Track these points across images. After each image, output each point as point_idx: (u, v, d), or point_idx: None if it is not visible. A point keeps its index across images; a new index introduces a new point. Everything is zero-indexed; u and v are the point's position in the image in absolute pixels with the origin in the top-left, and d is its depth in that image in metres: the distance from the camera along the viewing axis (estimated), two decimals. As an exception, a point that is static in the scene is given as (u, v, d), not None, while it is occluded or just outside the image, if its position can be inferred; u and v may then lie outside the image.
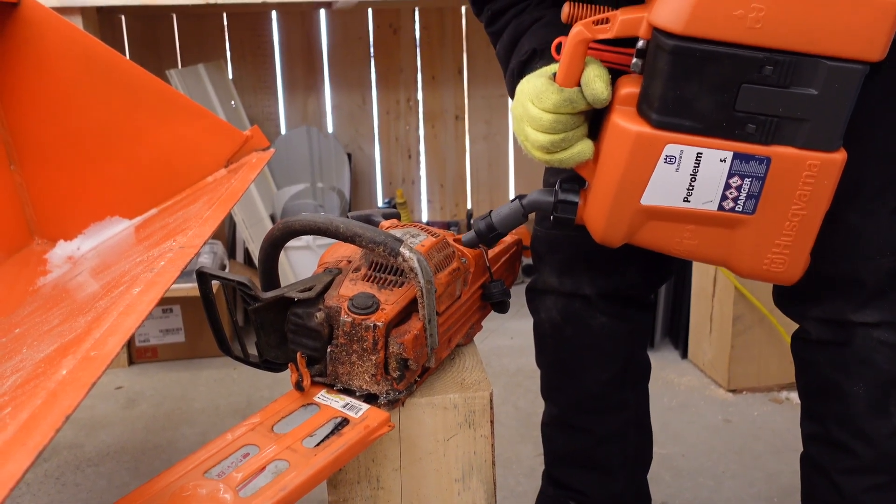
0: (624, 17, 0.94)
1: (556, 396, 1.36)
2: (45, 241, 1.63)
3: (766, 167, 0.95)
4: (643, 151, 0.95)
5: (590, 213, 1.04)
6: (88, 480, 1.88)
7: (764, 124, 0.93)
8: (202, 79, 2.93)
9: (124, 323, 0.79)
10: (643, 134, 0.94)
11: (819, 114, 0.92)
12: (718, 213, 0.98)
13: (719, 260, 1.04)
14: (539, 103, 0.97)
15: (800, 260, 1.02)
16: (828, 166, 0.95)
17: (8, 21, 1.50)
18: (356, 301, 0.95)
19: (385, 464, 1.00)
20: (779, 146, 0.94)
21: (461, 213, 3.64)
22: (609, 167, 0.98)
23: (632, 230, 1.02)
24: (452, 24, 3.48)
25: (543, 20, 1.12)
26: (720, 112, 0.92)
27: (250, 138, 1.56)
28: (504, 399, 2.22)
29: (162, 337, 2.57)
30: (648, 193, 0.97)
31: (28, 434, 0.60)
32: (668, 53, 0.90)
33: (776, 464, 1.87)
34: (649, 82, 0.94)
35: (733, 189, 0.97)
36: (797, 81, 0.90)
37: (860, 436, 1.14)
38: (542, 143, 0.98)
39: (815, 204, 0.97)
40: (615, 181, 0.98)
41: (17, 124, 1.58)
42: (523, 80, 1.02)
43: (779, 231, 1.00)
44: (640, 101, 0.96)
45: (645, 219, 1.00)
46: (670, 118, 0.93)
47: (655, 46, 0.92)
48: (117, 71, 1.52)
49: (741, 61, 0.89)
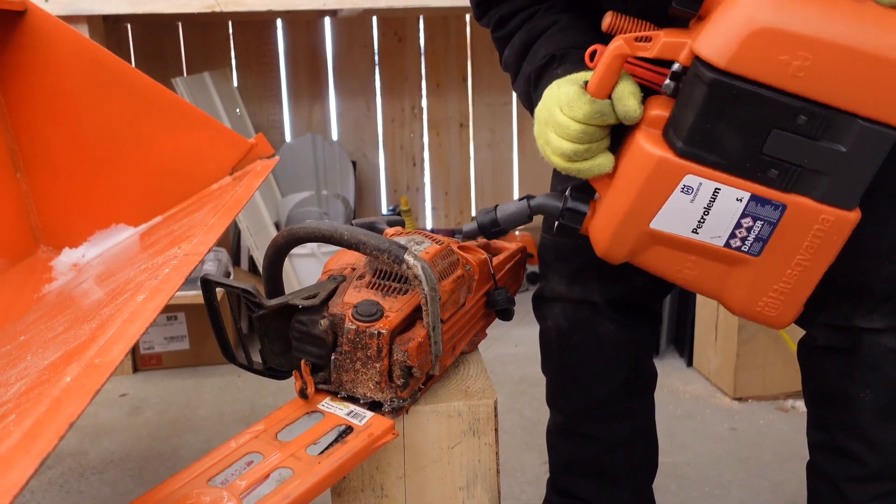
0: (667, 40, 0.93)
1: (562, 404, 1.36)
2: (50, 248, 1.63)
3: (781, 214, 0.95)
4: (662, 177, 0.94)
5: (596, 226, 1.03)
6: (92, 488, 1.88)
7: (787, 172, 0.92)
8: (207, 87, 2.94)
9: (129, 330, 0.79)
10: (666, 160, 0.94)
11: (843, 171, 0.91)
12: (724, 250, 0.98)
13: (714, 294, 1.04)
14: (569, 111, 0.96)
15: (793, 308, 1.02)
16: (841, 223, 0.94)
17: (14, 29, 1.51)
18: (360, 308, 0.95)
19: (389, 472, 1.00)
20: (797, 195, 0.94)
21: (465, 220, 3.64)
22: (624, 185, 0.98)
23: (635, 251, 1.01)
24: (457, 33, 3.48)
25: (558, 25, 1.10)
26: (746, 152, 0.92)
27: (255, 146, 1.56)
28: (509, 407, 2.21)
29: (166, 344, 2.57)
30: (659, 218, 0.97)
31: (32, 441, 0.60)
32: (705, 85, 0.89)
33: (782, 472, 1.86)
34: (681, 110, 0.93)
35: (744, 229, 0.96)
36: (828, 135, 0.90)
37: (867, 443, 1.14)
38: (565, 150, 0.97)
39: (820, 257, 0.97)
40: (628, 200, 0.97)
41: (23, 132, 1.58)
42: (553, 84, 1.00)
43: (779, 277, 0.99)
44: (667, 126, 0.95)
45: (650, 242, 1.00)
46: (696, 149, 0.92)
47: (694, 75, 0.91)
48: (123, 79, 1.53)
49: (777, 107, 0.89)
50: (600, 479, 1.33)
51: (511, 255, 1.23)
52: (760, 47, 0.86)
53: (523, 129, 3.60)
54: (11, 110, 1.57)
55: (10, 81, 1.55)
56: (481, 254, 1.13)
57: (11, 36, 1.51)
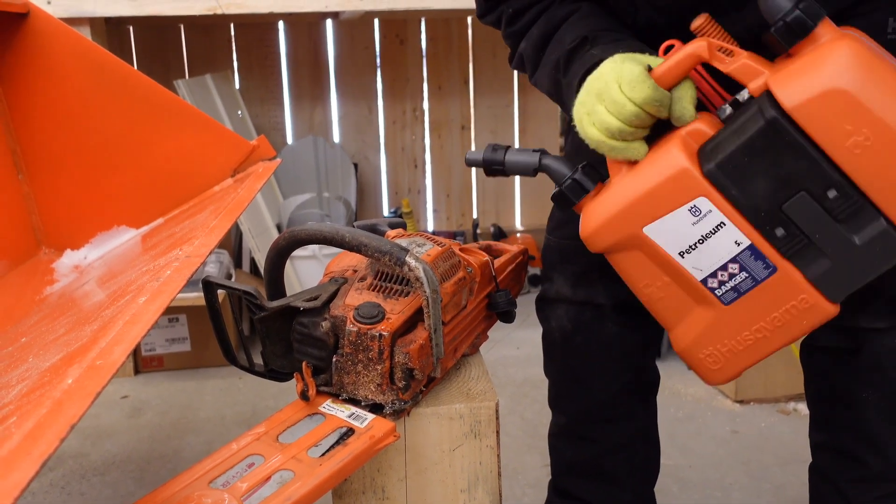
0: (748, 62, 0.91)
1: (564, 406, 1.35)
2: (52, 250, 1.63)
3: (768, 275, 0.93)
4: (679, 188, 0.93)
5: (592, 207, 1.01)
6: (94, 490, 1.88)
7: (794, 238, 0.91)
8: (209, 89, 2.94)
9: (130, 332, 0.79)
10: (690, 173, 0.92)
11: (847, 262, 0.90)
12: (699, 285, 0.96)
13: (668, 323, 1.02)
14: (629, 90, 0.93)
15: (732, 371, 1.00)
16: (817, 311, 0.94)
17: (17, 31, 1.51)
18: (362, 310, 0.95)
19: (390, 474, 0.99)
20: (792, 265, 0.92)
21: (467, 222, 3.64)
22: (639, 179, 0.96)
23: (617, 247, 0.99)
24: (459, 35, 3.49)
25: (580, 12, 1.09)
26: (767, 201, 0.90)
27: (257, 148, 1.56)
28: (510, 409, 2.21)
29: (168, 346, 2.57)
30: (655, 226, 0.95)
31: (33, 443, 0.60)
32: (764, 121, 0.88)
33: (783, 475, 1.86)
34: (727, 135, 0.92)
35: (727, 274, 0.95)
36: (850, 222, 0.89)
37: (870, 444, 1.13)
38: (611, 126, 0.94)
39: (781, 334, 0.96)
40: (635, 195, 0.96)
41: (25, 134, 1.58)
42: (615, 59, 0.96)
43: (735, 335, 0.98)
44: (706, 144, 0.94)
45: (634, 245, 0.98)
46: (722, 177, 0.91)
47: (757, 108, 0.89)
48: (125, 81, 1.53)
49: (818, 171, 0.87)
50: (602, 481, 1.33)
51: (513, 258, 1.23)
52: (831, 107, 0.85)
53: (525, 132, 3.60)
54: (13, 112, 1.57)
55: (12, 83, 1.55)
56: (483, 256, 1.13)
57: (13, 38, 1.51)
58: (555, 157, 1.05)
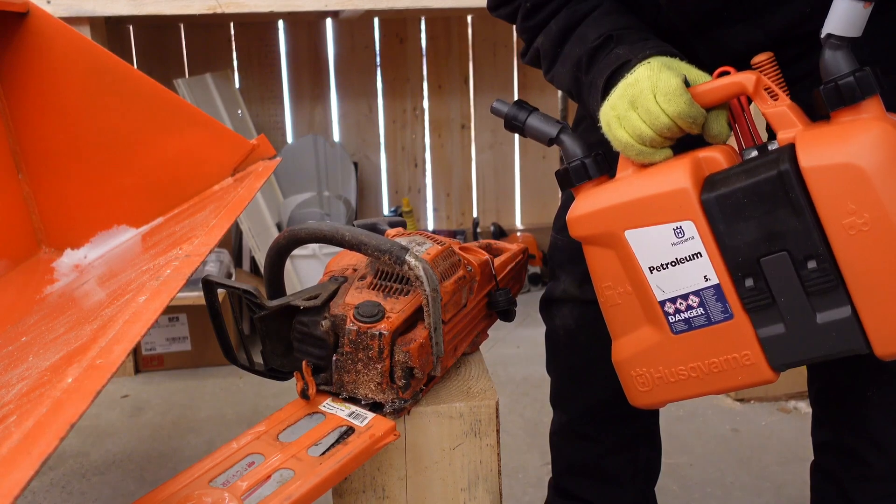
0: (787, 112, 0.91)
1: (566, 405, 1.35)
2: (52, 249, 1.63)
3: (722, 320, 0.93)
4: (673, 204, 0.93)
5: (587, 194, 1.01)
6: (94, 489, 1.88)
7: (760, 294, 0.91)
8: (209, 88, 2.94)
9: (130, 331, 0.79)
10: (688, 194, 0.92)
11: (800, 336, 0.90)
12: (656, 304, 0.96)
13: (614, 330, 1.02)
14: (664, 102, 0.92)
15: (659, 399, 1.00)
16: (755, 371, 0.93)
17: (16, 31, 1.51)
18: (362, 309, 0.95)
19: (391, 473, 0.99)
20: (748, 319, 0.92)
21: (467, 221, 3.64)
22: (640, 183, 0.96)
23: (595, 239, 0.99)
24: (459, 34, 3.49)
25: (602, 8, 1.07)
26: (748, 249, 0.90)
27: (257, 147, 1.56)
28: (510, 408, 2.21)
29: (168, 345, 2.57)
30: (637, 234, 0.95)
31: (33, 442, 0.59)
32: (776, 170, 0.87)
33: (784, 474, 1.86)
34: (738, 173, 0.91)
35: (685, 304, 0.95)
36: (818, 297, 0.88)
37: (873, 443, 1.13)
38: (643, 134, 0.94)
39: (714, 380, 0.96)
40: (630, 197, 0.96)
41: (25, 133, 1.58)
42: (651, 65, 0.95)
43: (672, 366, 0.97)
44: (715, 174, 0.93)
45: (612, 244, 0.98)
46: (717, 210, 0.91)
47: (776, 157, 0.89)
48: (125, 80, 1.53)
49: (808, 237, 0.87)
50: (603, 481, 1.33)
51: (513, 256, 1.23)
52: (843, 181, 0.84)
53: (525, 131, 3.60)
54: (13, 111, 1.57)
55: (11, 83, 1.55)
56: (483, 255, 1.13)
57: (13, 37, 1.51)
58: (573, 135, 1.03)
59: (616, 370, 1.03)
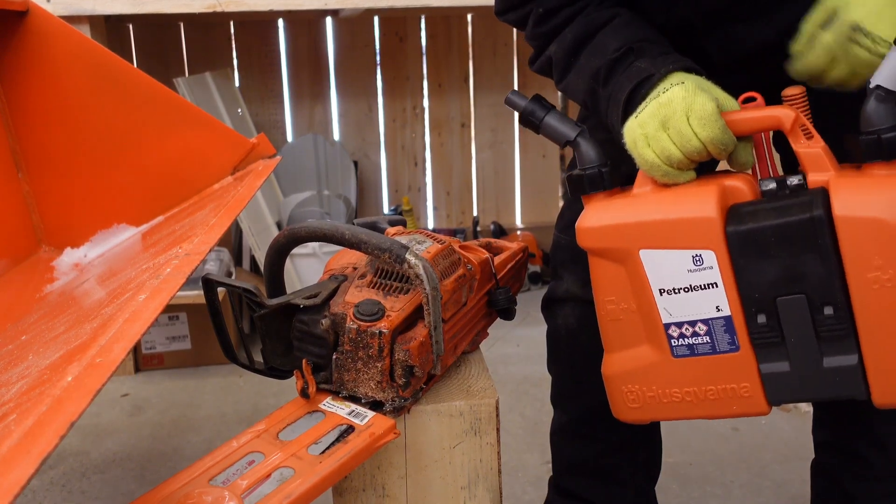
0: (821, 154, 0.89)
1: (567, 404, 1.35)
2: (52, 248, 1.63)
3: (727, 351, 0.92)
4: (697, 231, 0.91)
5: (602, 205, 0.98)
6: (94, 488, 1.88)
7: (771, 330, 0.90)
8: (209, 87, 2.94)
9: (130, 330, 0.79)
10: (714, 223, 0.90)
11: (803, 376, 0.90)
12: (660, 326, 0.95)
13: (609, 343, 1.01)
14: (697, 125, 0.90)
15: (647, 416, 1.00)
16: (750, 403, 0.93)
17: (16, 30, 1.51)
18: (362, 308, 0.95)
19: (391, 471, 0.99)
20: (752, 353, 0.92)
21: (467, 220, 3.64)
22: (662, 203, 0.94)
23: (605, 253, 0.97)
24: (459, 33, 3.48)
25: (621, 18, 1.05)
26: (767, 287, 0.89)
27: (256, 146, 1.56)
28: (510, 407, 2.21)
29: (168, 344, 2.57)
30: (652, 254, 0.93)
31: (33, 441, 0.60)
32: (808, 215, 0.86)
33: (784, 472, 1.86)
34: (768, 209, 0.90)
35: (692, 331, 0.93)
36: (828, 343, 0.88)
37: (874, 443, 1.13)
38: (672, 156, 0.92)
39: (707, 407, 0.95)
40: (651, 216, 0.93)
41: (25, 132, 1.58)
42: (688, 88, 0.92)
43: (667, 387, 0.96)
44: (742, 205, 0.92)
45: (624, 260, 0.95)
46: (742, 244, 0.89)
47: (809, 200, 0.88)
48: (125, 79, 1.53)
49: (829, 284, 0.86)
50: (603, 480, 1.33)
51: (513, 255, 1.23)
52: (875, 235, 0.84)
53: (525, 130, 3.59)
54: (13, 110, 1.57)
55: (11, 82, 1.55)
56: (483, 253, 1.13)
57: (13, 36, 1.51)
58: (591, 140, 1.00)
59: (605, 382, 1.02)
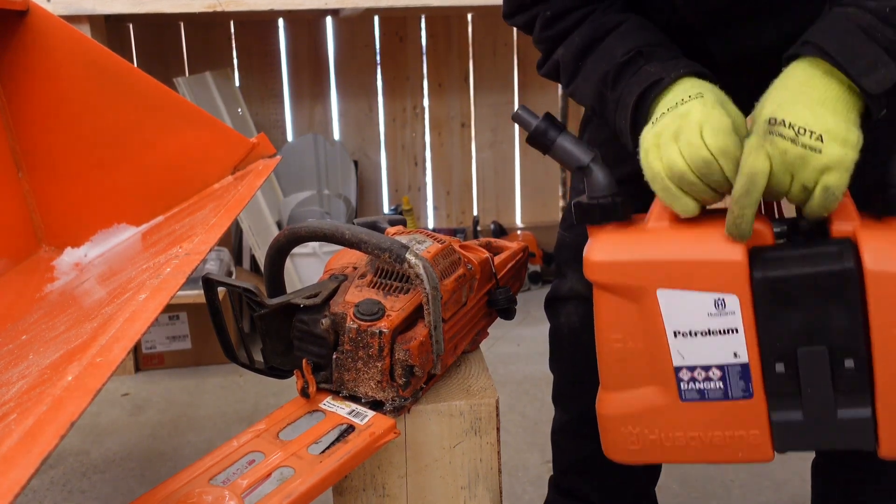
0: (848, 202, 0.86)
1: (568, 403, 1.35)
2: (52, 248, 1.63)
3: (740, 398, 0.89)
4: (722, 274, 0.87)
5: (615, 238, 0.93)
6: (94, 487, 1.88)
7: (788, 380, 0.87)
8: (209, 87, 2.94)
9: (130, 329, 0.79)
10: (741, 268, 0.86)
11: (815, 427, 0.88)
12: (670, 368, 0.90)
13: (609, 382, 0.95)
14: (709, 136, 0.86)
15: (646, 458, 0.95)
16: (757, 450, 0.91)
17: (16, 29, 1.51)
18: (362, 307, 0.95)
19: (391, 471, 0.99)
20: (765, 401, 0.89)
21: (467, 220, 3.64)
22: (684, 241, 0.89)
23: (617, 289, 0.92)
24: (459, 32, 3.48)
25: (629, 23, 1.03)
26: (789, 336, 0.86)
27: (257, 145, 1.56)
28: (510, 406, 2.21)
29: (168, 344, 2.58)
30: (670, 294, 0.88)
31: (33, 440, 0.60)
32: (841, 267, 0.84)
33: (784, 472, 1.86)
34: (795, 257, 0.86)
35: (705, 374, 0.90)
36: (845, 396, 0.86)
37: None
38: (674, 167, 0.87)
39: (710, 452, 0.92)
40: (672, 256, 0.89)
41: (24, 132, 1.58)
42: (707, 102, 0.89)
43: (670, 431, 0.92)
44: (766, 250, 0.87)
45: (637, 297, 0.90)
46: (768, 292, 0.86)
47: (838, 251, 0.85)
48: (125, 79, 1.53)
49: (854, 338, 0.84)
50: (604, 479, 1.33)
51: (513, 255, 1.23)
52: None
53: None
54: (13, 110, 1.57)
55: (11, 81, 1.55)
56: (483, 253, 1.13)
57: (13, 36, 1.51)
58: (604, 167, 0.94)
59: (600, 421, 0.97)
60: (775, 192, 0.85)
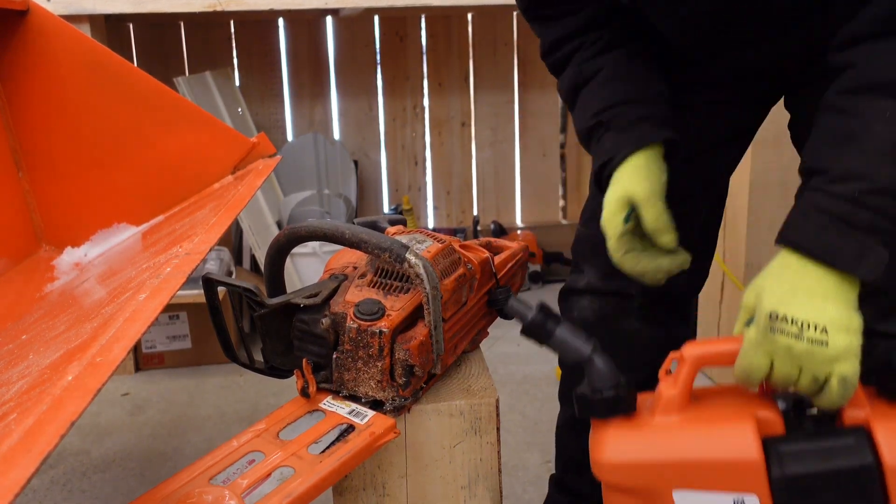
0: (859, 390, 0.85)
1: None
2: (52, 247, 1.63)
3: None
4: (740, 474, 0.84)
5: (619, 435, 0.90)
6: (95, 487, 1.88)
7: None
8: (209, 86, 2.94)
9: (130, 329, 0.79)
10: (759, 468, 0.83)
11: None
12: None
13: None
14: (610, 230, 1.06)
15: None
16: None
17: (17, 29, 1.51)
18: (362, 307, 0.95)
19: (391, 471, 0.99)
20: None
21: (467, 219, 3.64)
22: (696, 438, 0.86)
23: (630, 490, 0.89)
24: (459, 32, 3.48)
25: (604, 73, 1.10)
26: None
27: (257, 145, 1.56)
28: (510, 406, 2.21)
29: (168, 343, 2.57)
30: (685, 496, 0.85)
31: (33, 440, 0.60)
32: (858, 464, 0.82)
33: None
34: (813, 455, 0.84)
35: None
36: None
37: None
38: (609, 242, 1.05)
39: None
40: (686, 456, 0.85)
41: (25, 132, 1.58)
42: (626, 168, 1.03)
43: None
44: (780, 443, 0.85)
45: (651, 499, 0.87)
46: (787, 491, 0.83)
47: (854, 443, 0.83)
48: (125, 78, 1.53)
49: None
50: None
51: (513, 254, 1.23)
52: None
53: (525, 129, 3.60)
54: (13, 109, 1.57)
55: (12, 80, 1.55)
56: (483, 253, 1.13)
57: (13, 35, 1.51)
58: (606, 358, 0.92)
59: None
60: (784, 384, 0.85)
